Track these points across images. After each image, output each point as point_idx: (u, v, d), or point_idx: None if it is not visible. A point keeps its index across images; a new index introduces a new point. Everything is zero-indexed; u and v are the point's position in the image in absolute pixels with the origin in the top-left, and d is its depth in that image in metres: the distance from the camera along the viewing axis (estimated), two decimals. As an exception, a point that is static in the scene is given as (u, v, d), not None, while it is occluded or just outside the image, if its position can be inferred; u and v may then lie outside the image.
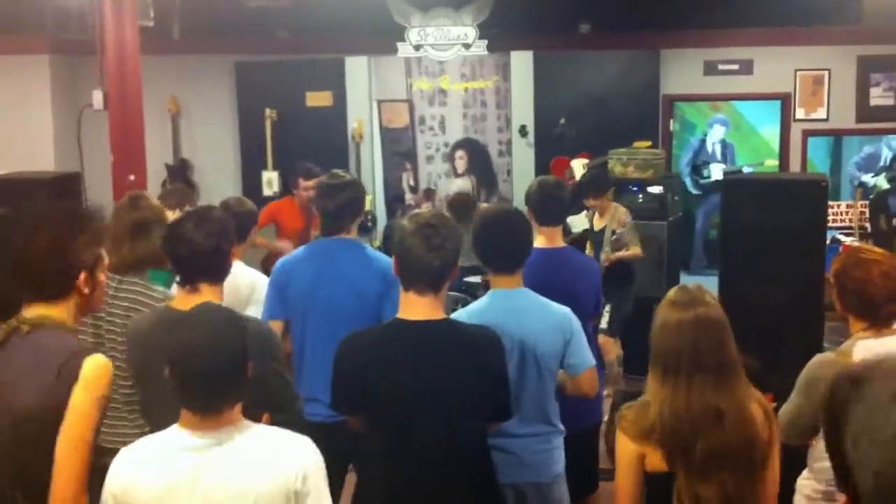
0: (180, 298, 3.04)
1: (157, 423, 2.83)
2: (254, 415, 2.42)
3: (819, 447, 3.15)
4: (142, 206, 3.81)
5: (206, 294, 2.98)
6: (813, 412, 3.14)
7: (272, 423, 2.38)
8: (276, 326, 3.68)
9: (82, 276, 2.67)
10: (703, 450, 2.52)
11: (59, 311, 2.63)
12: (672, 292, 2.70)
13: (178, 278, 3.03)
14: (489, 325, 3.03)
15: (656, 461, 2.58)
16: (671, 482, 2.57)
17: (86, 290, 2.67)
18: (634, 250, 6.56)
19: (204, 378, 2.25)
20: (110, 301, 3.49)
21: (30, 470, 2.49)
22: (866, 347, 3.13)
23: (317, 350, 3.71)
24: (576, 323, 3.39)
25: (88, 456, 2.48)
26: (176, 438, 2.30)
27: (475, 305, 3.41)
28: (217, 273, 3.05)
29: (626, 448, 2.61)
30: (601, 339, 6.44)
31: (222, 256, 3.05)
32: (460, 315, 3.30)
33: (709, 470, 2.52)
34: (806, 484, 3.31)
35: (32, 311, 2.60)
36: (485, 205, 7.76)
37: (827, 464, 1.54)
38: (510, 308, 3.32)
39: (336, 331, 3.07)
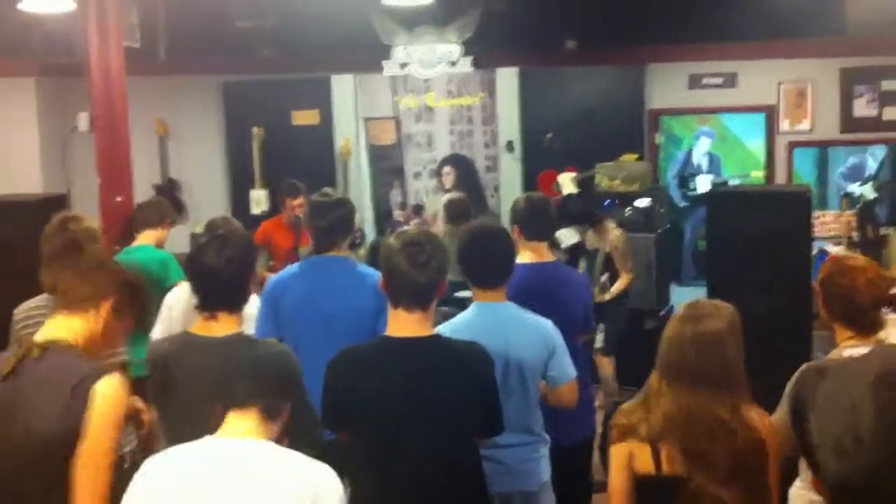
0: (199, 324, 3.03)
1: (173, 443, 2.84)
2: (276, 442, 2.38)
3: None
4: (71, 227, 3.87)
5: (223, 321, 2.98)
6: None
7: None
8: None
9: (109, 301, 2.70)
10: (687, 456, 2.58)
11: (74, 328, 2.65)
12: (683, 307, 2.78)
13: (196, 302, 3.03)
14: (473, 338, 3.04)
15: (643, 462, 2.63)
16: (659, 484, 2.61)
17: (104, 318, 2.69)
18: (624, 279, 6.52)
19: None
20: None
21: (27, 498, 2.47)
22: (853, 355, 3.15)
23: (311, 366, 3.65)
24: (558, 336, 3.42)
25: (108, 478, 2.47)
26: (202, 446, 2.28)
27: (458, 319, 3.43)
28: (236, 301, 3.04)
29: (617, 447, 2.69)
30: (596, 358, 6.45)
31: (243, 284, 3.05)
32: (444, 329, 3.30)
33: (693, 476, 2.58)
34: (797, 493, 3.31)
35: (50, 326, 2.65)
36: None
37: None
38: (494, 321, 3.35)
39: (331, 347, 3.05)
